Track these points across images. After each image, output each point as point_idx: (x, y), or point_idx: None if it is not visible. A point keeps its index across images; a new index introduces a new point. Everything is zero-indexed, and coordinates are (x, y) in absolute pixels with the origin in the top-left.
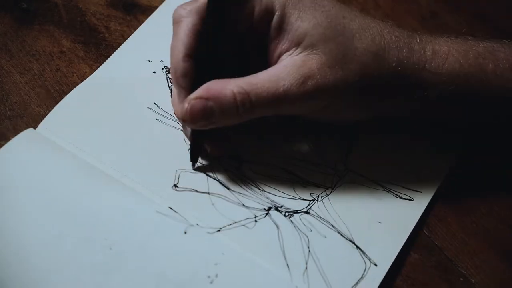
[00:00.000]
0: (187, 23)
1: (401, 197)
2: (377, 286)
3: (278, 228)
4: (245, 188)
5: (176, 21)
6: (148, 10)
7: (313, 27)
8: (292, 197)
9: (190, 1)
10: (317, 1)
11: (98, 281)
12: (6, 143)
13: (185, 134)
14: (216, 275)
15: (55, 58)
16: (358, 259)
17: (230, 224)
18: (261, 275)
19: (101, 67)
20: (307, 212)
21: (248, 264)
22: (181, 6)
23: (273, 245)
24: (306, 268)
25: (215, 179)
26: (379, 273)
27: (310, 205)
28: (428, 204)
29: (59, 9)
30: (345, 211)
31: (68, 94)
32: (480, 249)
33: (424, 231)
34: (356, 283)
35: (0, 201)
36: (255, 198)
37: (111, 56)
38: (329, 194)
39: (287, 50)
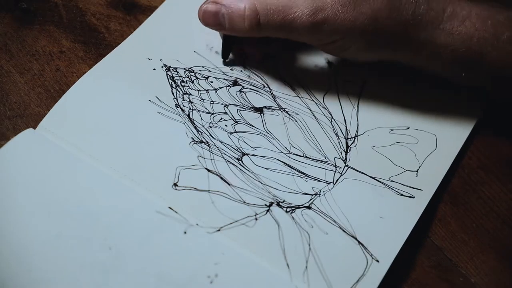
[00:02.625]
0: None
1: (402, 195)
2: (378, 283)
3: (278, 226)
4: (246, 182)
5: None
6: (148, 10)
7: None
8: (294, 191)
9: None
10: None
11: (98, 281)
12: (6, 143)
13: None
14: (216, 275)
15: (55, 58)
16: (360, 256)
17: (230, 223)
18: (261, 275)
19: (98, 63)
20: (309, 207)
21: (248, 264)
22: None
23: (273, 244)
24: (306, 267)
25: (216, 174)
26: (381, 269)
27: (312, 200)
28: (429, 203)
29: (59, 9)
30: (347, 206)
31: (66, 93)
32: (480, 249)
33: (424, 231)
34: (357, 281)
35: (0, 201)
36: (256, 193)
37: (109, 54)
38: (331, 189)
39: None
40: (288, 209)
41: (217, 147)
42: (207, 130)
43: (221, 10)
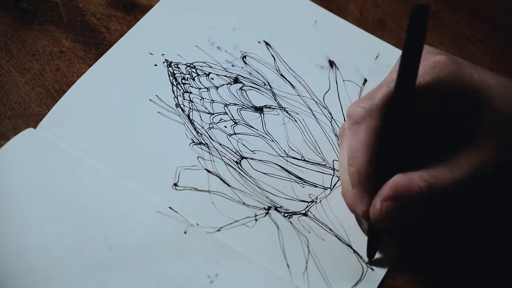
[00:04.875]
0: (369, 125)
1: None
2: (376, 286)
3: (278, 227)
4: (245, 185)
5: (355, 121)
6: (148, 10)
7: (486, 115)
8: (291, 198)
9: (365, 98)
10: (484, 82)
11: (98, 281)
12: (6, 143)
13: (362, 229)
14: (216, 275)
15: (55, 58)
16: (356, 263)
17: (230, 224)
18: (261, 275)
19: (99, 60)
20: (305, 214)
21: (248, 264)
22: (357, 104)
23: (273, 244)
24: (306, 268)
25: (216, 175)
26: (377, 276)
27: (309, 207)
28: None
29: (59, 9)
30: (343, 215)
31: (67, 92)
32: None
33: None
34: (356, 284)
35: (0, 201)
36: (254, 197)
37: (109, 50)
38: (328, 195)
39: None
40: (286, 214)
41: (217, 149)
42: (206, 132)
43: (397, 202)
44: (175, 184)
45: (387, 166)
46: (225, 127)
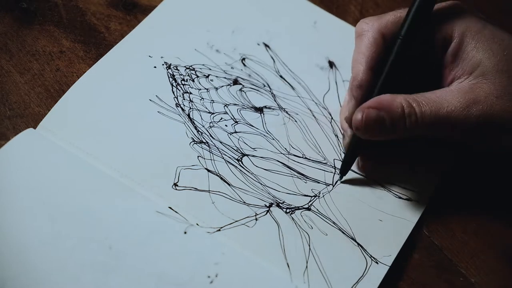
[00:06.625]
0: (369, 37)
1: (400, 197)
2: (378, 284)
3: (278, 226)
4: (246, 183)
5: (358, 34)
6: (148, 10)
7: (487, 58)
8: (294, 193)
9: (374, 17)
10: (497, 33)
11: (98, 280)
12: (6, 143)
13: (344, 145)
14: (216, 275)
15: (55, 58)
16: (360, 257)
17: (230, 224)
18: (261, 275)
19: (98, 62)
20: (308, 209)
21: (248, 264)
22: (364, 20)
23: (273, 244)
24: (307, 267)
25: (216, 174)
26: (380, 271)
27: (312, 201)
28: (428, 203)
29: (59, 9)
30: (346, 209)
31: (67, 92)
32: (480, 249)
33: (424, 231)
34: (357, 282)
35: (0, 201)
36: (256, 194)
37: (109, 52)
38: (330, 191)
39: (459, 77)
40: (288, 210)
41: (217, 148)
42: (207, 130)
43: (380, 114)
44: (175, 184)
45: (381, 82)
46: (226, 126)
